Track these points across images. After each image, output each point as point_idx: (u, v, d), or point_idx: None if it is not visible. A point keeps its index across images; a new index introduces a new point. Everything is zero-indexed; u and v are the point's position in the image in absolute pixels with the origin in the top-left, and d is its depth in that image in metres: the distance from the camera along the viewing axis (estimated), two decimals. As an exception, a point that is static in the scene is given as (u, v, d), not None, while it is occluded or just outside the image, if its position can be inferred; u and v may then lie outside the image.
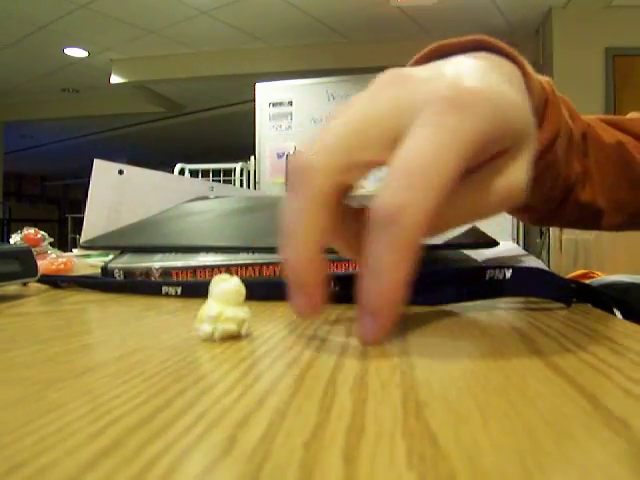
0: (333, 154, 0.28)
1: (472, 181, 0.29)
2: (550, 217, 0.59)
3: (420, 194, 0.25)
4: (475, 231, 0.54)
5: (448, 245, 0.52)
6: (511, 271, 0.40)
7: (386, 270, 0.26)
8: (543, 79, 0.44)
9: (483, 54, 0.35)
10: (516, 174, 0.30)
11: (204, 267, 0.51)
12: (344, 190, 0.30)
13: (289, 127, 4.46)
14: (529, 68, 0.37)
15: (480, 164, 0.29)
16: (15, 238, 0.95)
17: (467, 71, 0.30)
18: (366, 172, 0.29)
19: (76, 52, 5.55)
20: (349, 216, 0.32)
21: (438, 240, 0.52)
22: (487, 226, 0.56)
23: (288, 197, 0.29)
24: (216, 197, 0.88)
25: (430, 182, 0.26)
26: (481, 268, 0.41)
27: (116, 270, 0.54)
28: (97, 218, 0.95)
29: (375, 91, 0.30)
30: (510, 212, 0.62)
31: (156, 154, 9.45)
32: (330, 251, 0.51)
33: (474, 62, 0.32)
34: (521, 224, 3.67)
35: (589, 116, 0.58)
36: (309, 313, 0.30)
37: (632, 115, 0.63)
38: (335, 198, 0.28)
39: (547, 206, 0.56)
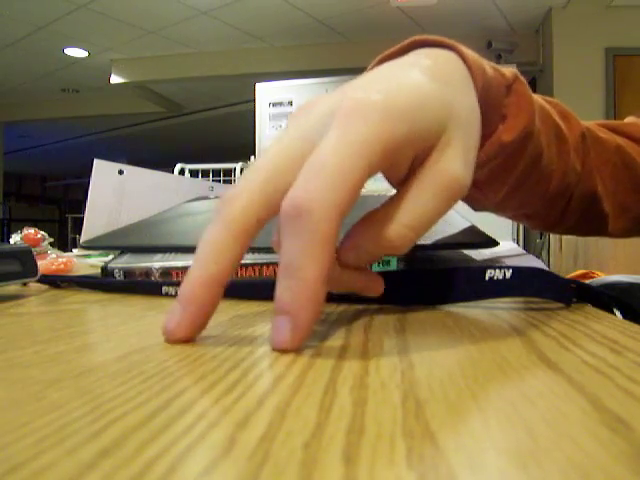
0: (252, 193, 0.29)
1: (410, 183, 0.30)
2: (557, 221, 0.59)
3: (327, 187, 0.26)
4: (475, 231, 0.54)
5: (448, 245, 0.52)
6: (511, 271, 0.40)
7: (299, 266, 0.26)
8: (507, 70, 0.45)
9: (418, 51, 0.37)
10: (448, 165, 0.30)
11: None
12: (265, 221, 0.30)
13: (289, 127, 4.46)
14: (471, 57, 0.37)
15: (412, 166, 0.31)
16: (15, 238, 0.95)
17: (372, 81, 0.31)
18: None
19: (76, 52, 5.55)
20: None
21: (437, 240, 0.52)
22: (487, 226, 0.56)
23: (209, 226, 0.29)
24: (216, 197, 0.88)
25: (335, 177, 0.26)
26: (481, 268, 0.41)
27: (116, 270, 0.54)
28: (97, 218, 0.95)
29: (288, 127, 0.31)
30: (513, 218, 0.62)
31: (156, 154, 9.45)
32: (337, 251, 0.51)
33: (390, 69, 0.34)
34: (521, 224, 3.66)
35: (586, 122, 0.58)
36: (180, 332, 0.29)
37: (629, 119, 0.63)
38: (254, 230, 0.29)
39: (550, 208, 0.56)
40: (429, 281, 0.42)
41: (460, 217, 0.57)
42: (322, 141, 0.28)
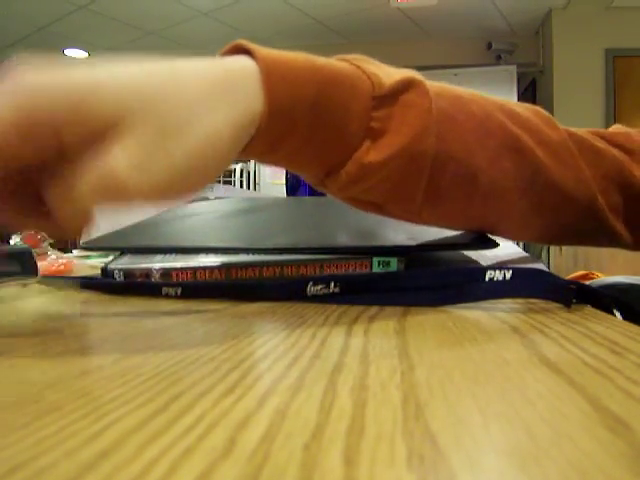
0: None
1: (65, 170, 0.29)
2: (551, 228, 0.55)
3: None
4: (475, 232, 0.54)
5: (448, 246, 0.52)
6: (511, 272, 0.40)
7: None
8: (401, 76, 0.40)
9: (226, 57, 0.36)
10: (107, 161, 0.28)
11: (204, 268, 0.51)
12: None
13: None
14: (271, 65, 0.35)
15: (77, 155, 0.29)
16: (15, 239, 0.95)
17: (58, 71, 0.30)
18: None
19: (76, 53, 5.55)
20: None
21: (436, 240, 0.52)
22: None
23: None
24: (216, 198, 0.88)
25: None
26: (481, 269, 0.41)
27: (116, 271, 0.54)
28: (97, 219, 0.94)
29: None
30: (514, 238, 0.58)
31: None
32: (337, 252, 0.51)
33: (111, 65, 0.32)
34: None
35: (578, 130, 0.55)
36: None
37: (616, 128, 0.60)
38: None
39: (533, 217, 0.51)
40: (429, 282, 0.42)
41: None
42: None
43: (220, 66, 0.34)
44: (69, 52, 5.51)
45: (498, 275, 0.40)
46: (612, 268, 2.44)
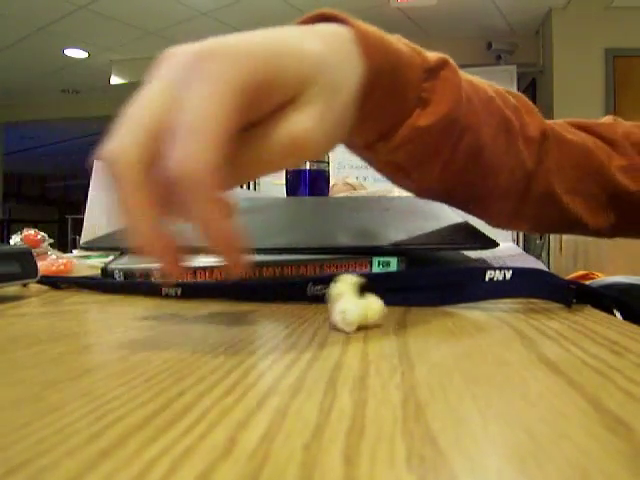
0: (131, 147, 0.29)
1: (257, 132, 0.31)
2: (512, 219, 0.57)
3: (198, 146, 0.27)
4: (475, 232, 0.54)
5: (447, 246, 0.52)
6: (511, 272, 0.40)
7: (206, 220, 0.28)
8: (435, 55, 0.45)
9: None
10: (300, 122, 0.31)
11: (204, 268, 0.51)
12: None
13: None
14: (364, 33, 0.38)
15: (265, 117, 0.31)
16: (15, 239, 0.95)
17: (241, 34, 0.31)
18: None
19: (76, 53, 5.56)
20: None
21: (433, 239, 0.52)
22: (487, 227, 0.56)
23: (112, 192, 0.29)
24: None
25: (204, 132, 0.27)
26: (481, 269, 0.41)
27: (116, 271, 0.54)
28: (97, 219, 0.95)
29: (152, 79, 0.31)
30: (468, 212, 0.58)
31: (157, 155, 9.43)
32: (337, 252, 0.51)
33: (269, 29, 0.34)
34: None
35: (556, 121, 0.58)
36: (175, 272, 0.31)
37: (606, 119, 0.61)
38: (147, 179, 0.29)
39: (502, 204, 0.55)
40: (429, 282, 0.42)
41: (462, 219, 0.57)
42: (182, 97, 0.28)
43: (329, 32, 0.37)
44: (69, 52, 5.51)
45: (498, 275, 0.40)
46: (612, 268, 2.44)
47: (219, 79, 0.28)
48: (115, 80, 5.93)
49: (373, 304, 0.33)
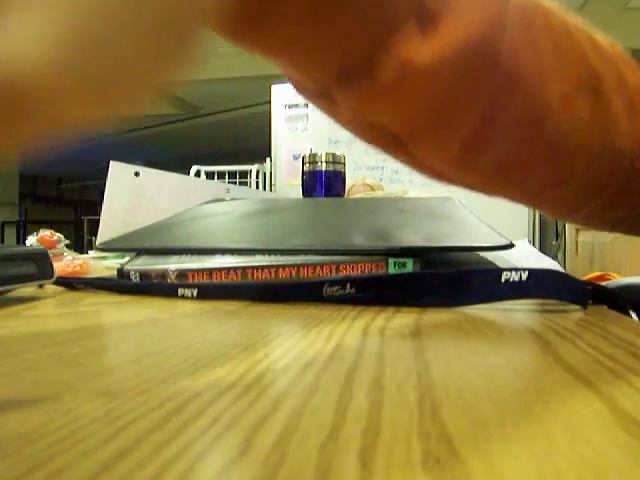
0: None
1: None
2: (602, 213, 0.44)
3: None
4: (491, 233, 0.54)
5: (464, 248, 0.52)
6: (527, 273, 0.40)
7: None
8: None
9: None
10: None
11: (220, 269, 0.52)
12: None
13: (305, 129, 4.44)
14: None
15: None
16: (31, 240, 0.96)
17: None
18: None
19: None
20: None
21: (452, 242, 0.52)
22: (503, 227, 0.56)
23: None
24: (232, 199, 0.88)
25: None
26: (497, 270, 0.40)
27: (132, 272, 0.55)
28: (113, 220, 0.95)
29: None
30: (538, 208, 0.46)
31: (172, 156, 9.47)
32: (349, 253, 0.51)
33: None
34: (537, 225, 3.62)
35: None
36: None
37: None
38: None
39: (584, 194, 0.40)
40: (445, 283, 0.42)
41: (478, 221, 0.57)
42: None
43: None
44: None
45: (514, 276, 0.40)
46: (629, 269, 2.42)
47: None
48: (130, 82, 5.96)
49: None
